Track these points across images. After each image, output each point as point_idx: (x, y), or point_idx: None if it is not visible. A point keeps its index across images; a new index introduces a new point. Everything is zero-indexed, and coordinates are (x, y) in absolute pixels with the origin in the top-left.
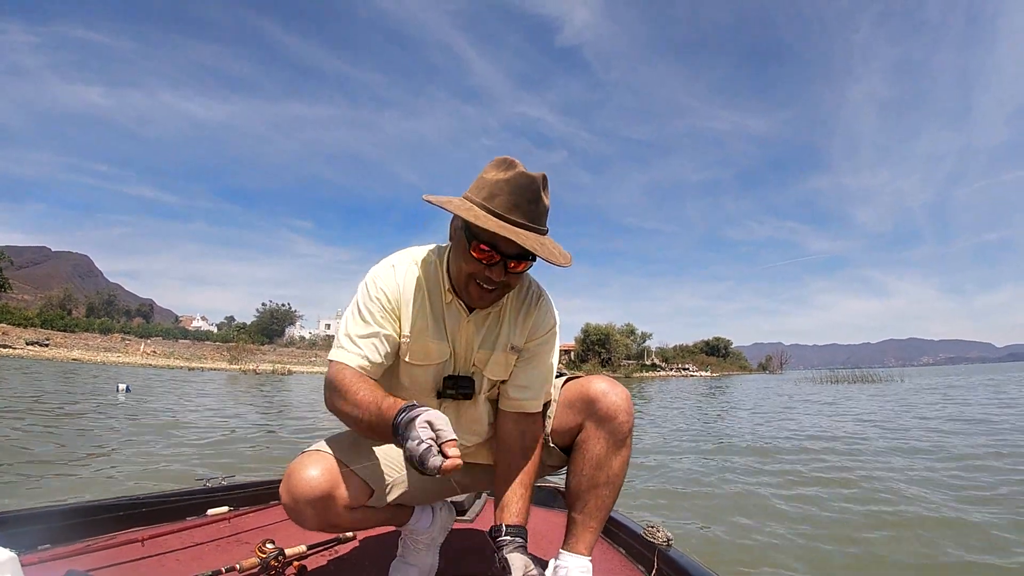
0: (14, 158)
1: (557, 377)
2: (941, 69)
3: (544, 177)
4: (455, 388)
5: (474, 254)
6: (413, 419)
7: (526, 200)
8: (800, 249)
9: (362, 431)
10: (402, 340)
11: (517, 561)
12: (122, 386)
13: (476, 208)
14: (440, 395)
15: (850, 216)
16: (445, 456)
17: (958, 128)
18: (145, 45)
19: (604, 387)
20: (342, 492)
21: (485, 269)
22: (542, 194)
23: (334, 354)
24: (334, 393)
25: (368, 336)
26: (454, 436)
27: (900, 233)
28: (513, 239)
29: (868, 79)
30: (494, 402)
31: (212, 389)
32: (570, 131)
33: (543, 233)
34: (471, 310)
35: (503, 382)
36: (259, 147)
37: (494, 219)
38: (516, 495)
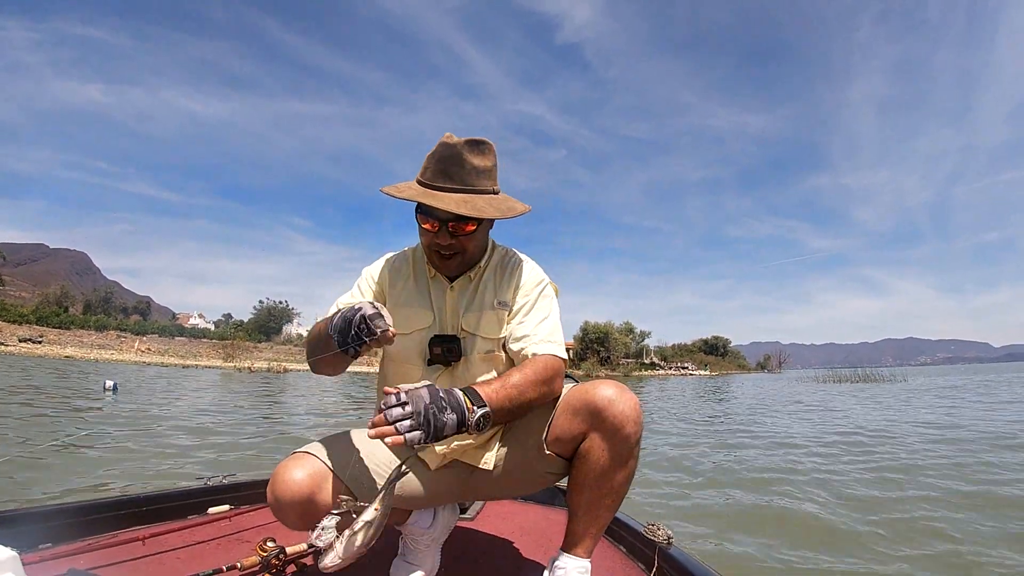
0: (13, 155)
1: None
2: (941, 68)
3: (473, 140)
4: (442, 346)
5: (420, 224)
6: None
7: (447, 166)
8: (800, 247)
9: (318, 348)
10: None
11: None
12: (109, 383)
13: (411, 185)
14: (430, 362)
15: (850, 215)
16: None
17: (958, 127)
18: (145, 42)
19: (611, 394)
20: (325, 497)
21: (434, 236)
22: (466, 156)
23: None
24: (309, 332)
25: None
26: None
27: (900, 232)
28: (420, 199)
29: (868, 78)
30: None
31: (206, 387)
32: (570, 129)
33: (481, 192)
34: (453, 281)
35: (505, 347)
36: (259, 145)
37: (414, 188)
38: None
